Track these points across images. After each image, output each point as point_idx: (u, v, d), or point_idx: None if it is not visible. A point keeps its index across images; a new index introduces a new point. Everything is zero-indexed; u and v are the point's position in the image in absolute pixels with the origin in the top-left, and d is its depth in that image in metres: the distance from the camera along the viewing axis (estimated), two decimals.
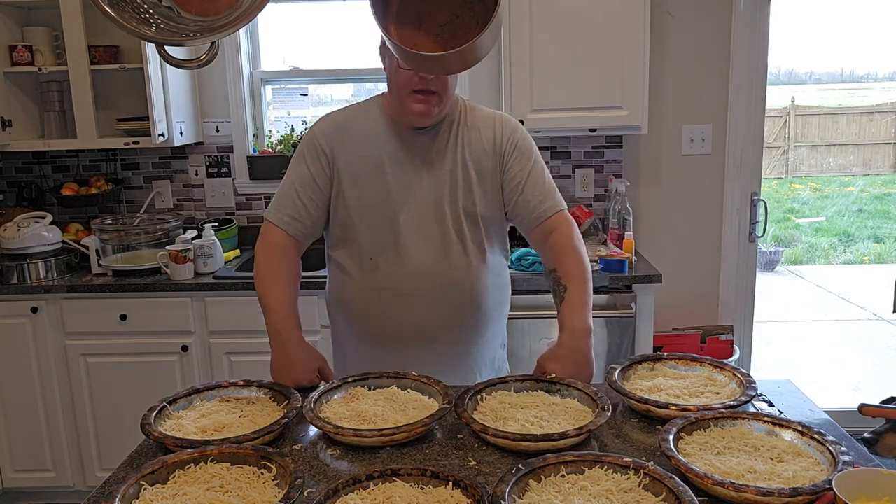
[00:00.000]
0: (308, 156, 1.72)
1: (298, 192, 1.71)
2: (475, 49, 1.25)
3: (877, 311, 5.98)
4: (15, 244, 2.91)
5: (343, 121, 1.74)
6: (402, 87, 1.62)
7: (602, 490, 1.10)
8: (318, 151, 1.71)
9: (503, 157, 1.71)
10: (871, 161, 11.50)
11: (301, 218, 1.71)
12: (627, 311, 2.74)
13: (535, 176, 1.70)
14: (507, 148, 1.71)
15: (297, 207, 1.71)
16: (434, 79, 1.58)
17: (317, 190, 1.71)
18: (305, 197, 1.71)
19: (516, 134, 1.73)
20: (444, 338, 1.72)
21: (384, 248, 1.69)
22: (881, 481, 1.03)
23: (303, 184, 1.71)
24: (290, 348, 1.61)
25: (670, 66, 3.20)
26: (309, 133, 1.76)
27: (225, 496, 1.11)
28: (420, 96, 1.61)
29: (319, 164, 1.71)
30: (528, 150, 1.72)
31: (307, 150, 1.73)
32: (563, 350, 1.55)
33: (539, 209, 1.69)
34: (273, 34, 3.43)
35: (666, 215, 3.32)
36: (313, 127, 1.76)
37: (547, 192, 1.70)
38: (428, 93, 1.60)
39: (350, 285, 1.74)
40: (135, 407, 2.79)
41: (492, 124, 1.73)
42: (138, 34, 1.14)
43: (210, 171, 3.40)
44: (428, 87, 1.60)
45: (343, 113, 1.78)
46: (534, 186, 1.70)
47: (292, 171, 1.74)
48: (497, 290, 1.77)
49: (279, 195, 1.74)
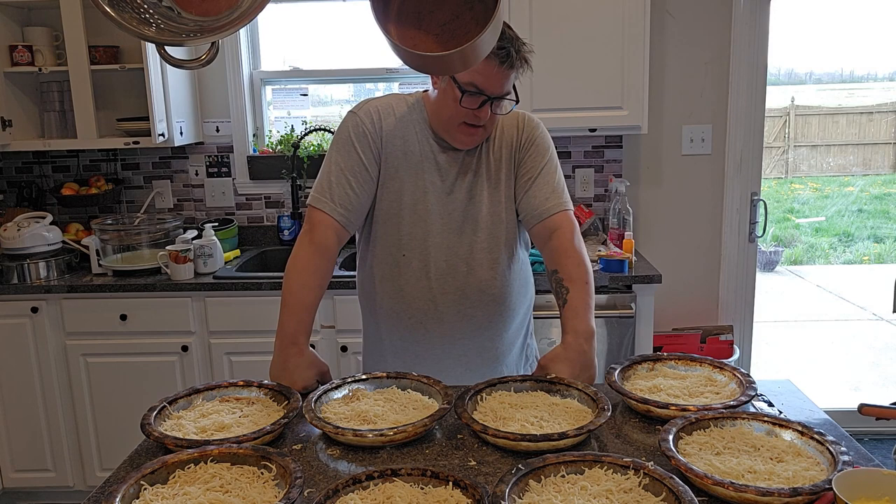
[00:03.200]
0: (357, 141, 1.65)
1: (350, 179, 1.64)
2: (475, 49, 1.25)
3: (877, 311, 5.98)
4: (15, 244, 2.91)
5: (386, 110, 1.69)
6: (454, 117, 1.61)
7: (602, 490, 1.10)
8: (368, 137, 1.66)
9: (520, 152, 1.71)
10: (871, 161, 11.49)
11: (353, 207, 1.65)
12: (627, 311, 2.74)
13: (547, 174, 1.70)
14: (524, 144, 1.71)
15: (350, 197, 1.64)
16: (487, 115, 1.59)
17: (368, 178, 1.65)
18: (357, 185, 1.64)
19: (536, 131, 1.73)
20: (471, 335, 1.73)
21: (414, 247, 1.69)
22: (881, 481, 1.03)
23: (354, 171, 1.64)
24: (291, 355, 1.58)
25: (670, 66, 3.20)
26: (353, 119, 1.68)
27: (225, 496, 1.11)
28: (469, 128, 1.61)
29: (370, 150, 1.65)
30: (544, 147, 1.72)
31: (355, 136, 1.66)
32: (566, 352, 1.54)
33: (544, 206, 1.68)
34: (273, 34, 3.43)
35: (666, 215, 3.32)
36: (357, 112, 1.69)
37: (555, 191, 1.70)
38: (478, 126, 1.61)
39: (379, 282, 1.73)
40: (135, 407, 2.81)
41: (515, 122, 1.73)
42: (138, 34, 1.14)
43: (210, 171, 3.40)
44: (479, 122, 1.60)
45: (385, 102, 1.72)
46: (543, 184, 1.69)
47: (339, 158, 1.65)
48: (520, 286, 1.78)
49: (328, 182, 1.64)
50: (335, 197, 1.64)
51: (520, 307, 1.79)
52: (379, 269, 1.73)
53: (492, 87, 1.56)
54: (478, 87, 1.56)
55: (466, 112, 1.59)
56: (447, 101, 1.61)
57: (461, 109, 1.59)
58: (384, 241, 1.70)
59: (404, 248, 1.69)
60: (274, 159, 3.34)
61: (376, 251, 1.72)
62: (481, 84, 1.56)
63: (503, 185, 1.71)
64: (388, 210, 1.68)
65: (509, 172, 1.72)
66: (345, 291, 2.75)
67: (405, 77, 3.35)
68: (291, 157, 3.25)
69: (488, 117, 1.61)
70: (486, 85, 1.56)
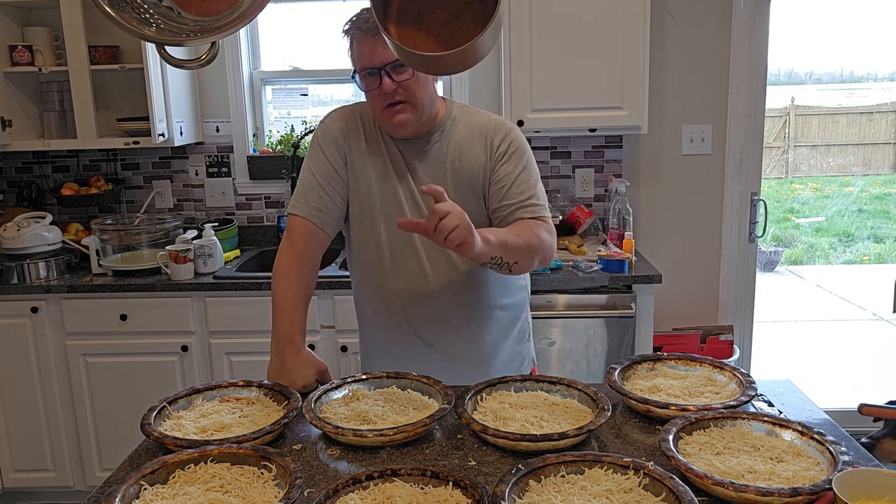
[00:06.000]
0: (325, 147, 1.72)
1: (321, 183, 1.69)
2: (475, 49, 1.25)
3: (877, 311, 5.97)
4: (15, 244, 2.91)
5: (352, 116, 1.75)
6: (376, 104, 1.63)
7: (602, 490, 1.10)
8: (334, 142, 1.71)
9: (492, 160, 1.68)
10: (871, 161, 11.49)
11: (327, 209, 1.69)
12: (627, 311, 2.74)
13: (521, 182, 1.65)
14: (497, 151, 1.68)
15: (323, 199, 1.69)
16: (397, 89, 1.59)
17: (339, 181, 1.71)
18: (329, 188, 1.70)
19: (508, 137, 1.69)
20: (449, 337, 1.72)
21: (385, 248, 1.70)
22: (881, 481, 1.03)
23: (324, 175, 1.70)
24: (288, 356, 1.60)
25: (670, 66, 3.20)
26: (322, 126, 1.75)
27: (225, 496, 1.11)
28: (391, 109, 1.62)
29: (337, 155, 1.71)
30: (518, 154, 1.68)
31: (323, 142, 1.72)
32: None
33: (516, 214, 1.63)
34: (273, 34, 3.43)
35: (666, 215, 3.32)
36: (325, 120, 1.76)
37: (531, 198, 1.65)
38: (398, 103, 1.61)
39: (359, 283, 1.80)
40: (135, 407, 2.80)
41: (485, 130, 1.70)
42: (138, 34, 1.14)
43: (210, 171, 3.40)
44: (394, 98, 1.60)
45: (352, 108, 1.77)
46: (517, 192, 1.64)
47: (311, 164, 1.72)
48: (500, 287, 1.76)
49: (301, 188, 1.71)
50: (309, 200, 1.69)
51: (500, 308, 1.77)
52: (359, 271, 1.78)
53: (374, 59, 1.57)
54: (364, 67, 1.59)
55: (375, 94, 1.60)
56: (366, 97, 1.65)
57: (372, 94, 1.61)
58: (360, 242, 1.74)
59: (378, 250, 1.71)
60: (274, 159, 3.34)
61: (355, 253, 1.77)
62: (366, 62, 1.58)
63: (474, 188, 1.67)
64: (360, 212, 1.72)
65: (480, 177, 1.67)
66: (345, 291, 2.74)
67: None
68: (291, 157, 3.25)
69: (395, 89, 1.58)
70: (369, 60, 1.58)
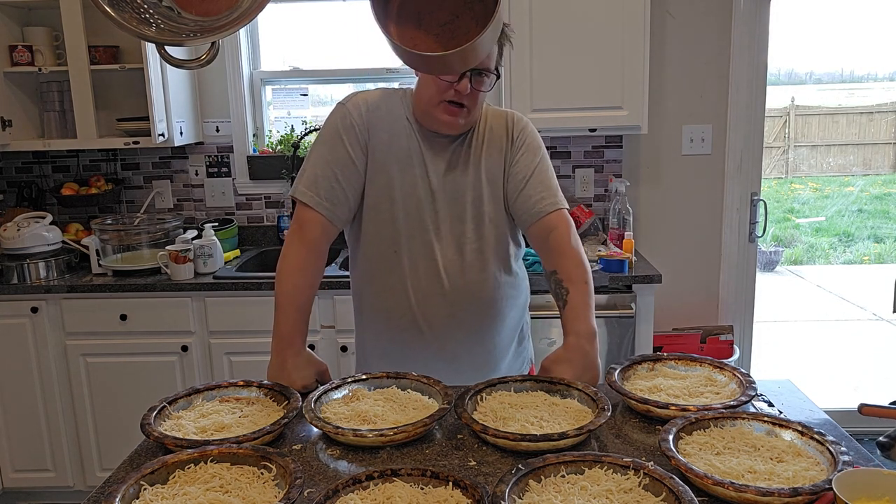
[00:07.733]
0: (345, 134, 1.62)
1: (336, 173, 1.61)
2: (475, 49, 1.25)
3: (877, 311, 5.98)
4: (15, 244, 2.91)
5: (375, 103, 1.66)
6: (434, 96, 1.58)
7: (602, 490, 1.10)
8: (355, 129, 1.63)
9: (511, 152, 1.69)
10: (871, 161, 11.49)
11: (339, 202, 1.62)
12: (627, 311, 2.74)
13: (540, 173, 1.68)
14: (515, 144, 1.69)
15: (336, 191, 1.61)
16: (468, 94, 1.56)
17: (355, 172, 1.63)
18: (344, 179, 1.62)
19: (525, 130, 1.71)
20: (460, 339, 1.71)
21: (403, 243, 1.67)
22: (881, 481, 1.03)
23: (340, 164, 1.62)
24: (288, 356, 1.58)
25: (670, 66, 3.20)
26: (341, 110, 1.65)
27: (225, 496, 1.11)
28: (450, 107, 1.58)
29: (357, 143, 1.63)
30: (535, 146, 1.70)
31: (343, 128, 1.63)
32: (568, 353, 1.52)
33: (539, 205, 1.65)
34: (273, 34, 3.43)
35: (666, 215, 3.32)
36: (345, 104, 1.66)
37: (549, 190, 1.67)
38: (458, 105, 1.58)
39: (368, 280, 1.73)
40: (135, 407, 2.81)
41: (503, 122, 1.71)
42: (138, 34, 1.14)
43: (210, 171, 3.40)
44: (461, 100, 1.57)
45: (374, 95, 1.69)
46: (537, 183, 1.66)
47: (325, 151, 1.63)
48: (512, 288, 1.76)
49: (312, 176, 1.61)
50: (321, 191, 1.61)
51: (511, 310, 1.77)
52: (370, 267, 1.71)
53: None
54: None
55: (447, 88, 1.56)
56: (427, 79, 1.59)
57: (441, 85, 1.56)
58: (374, 236, 1.68)
59: (395, 244, 1.66)
60: (274, 159, 3.34)
61: (366, 248, 1.71)
62: None
63: (494, 185, 1.68)
64: (377, 206, 1.66)
65: (500, 173, 1.69)
66: (344, 291, 2.74)
67: (405, 77, 3.35)
68: (291, 157, 3.25)
69: (468, 92, 1.56)
70: None
